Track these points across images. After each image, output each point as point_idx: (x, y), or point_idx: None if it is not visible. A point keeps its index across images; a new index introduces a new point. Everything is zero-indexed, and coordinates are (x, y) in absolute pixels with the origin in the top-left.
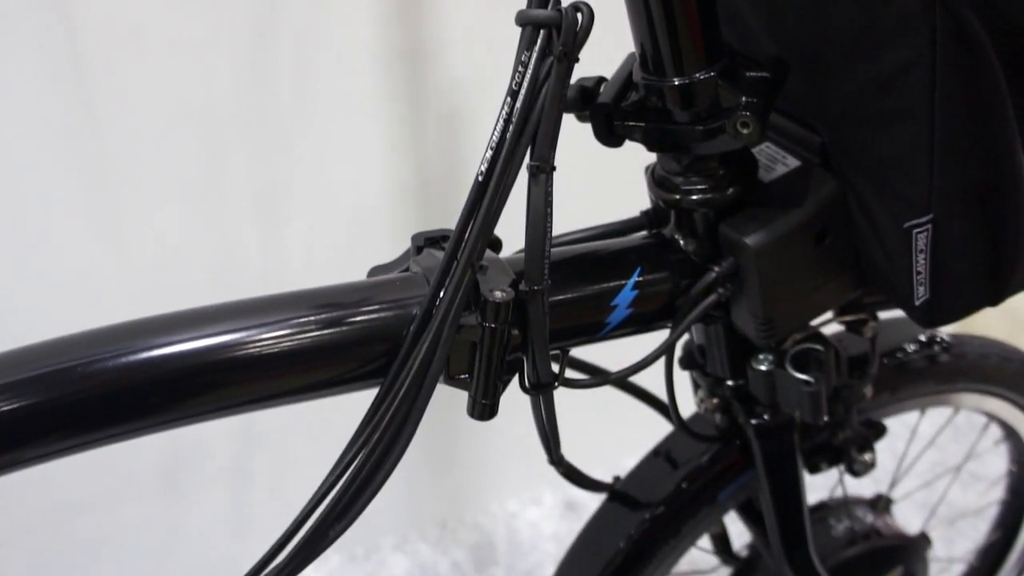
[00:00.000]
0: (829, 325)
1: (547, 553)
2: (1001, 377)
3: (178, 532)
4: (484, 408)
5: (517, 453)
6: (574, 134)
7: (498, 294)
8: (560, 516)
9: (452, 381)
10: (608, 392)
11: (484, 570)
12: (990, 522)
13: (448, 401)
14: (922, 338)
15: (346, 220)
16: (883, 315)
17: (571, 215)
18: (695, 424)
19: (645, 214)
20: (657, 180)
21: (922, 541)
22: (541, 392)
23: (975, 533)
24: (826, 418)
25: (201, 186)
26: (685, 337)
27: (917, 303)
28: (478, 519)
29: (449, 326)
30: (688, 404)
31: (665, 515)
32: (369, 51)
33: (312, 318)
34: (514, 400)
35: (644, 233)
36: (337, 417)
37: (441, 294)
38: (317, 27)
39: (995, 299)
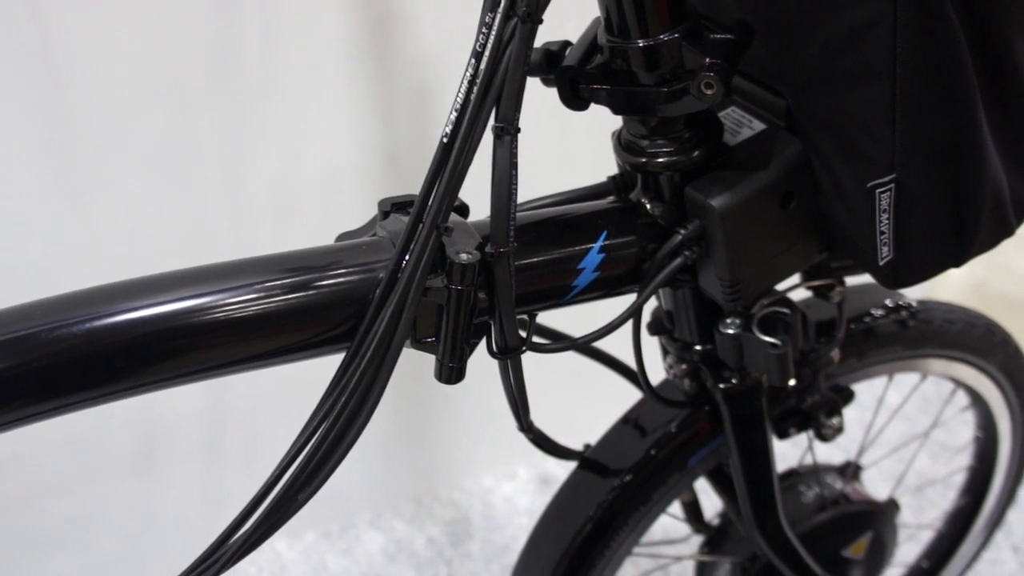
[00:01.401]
0: (797, 290)
1: (522, 527)
2: (967, 342)
3: (152, 510)
4: (451, 372)
5: (491, 429)
6: (546, 100)
7: (464, 256)
8: (535, 491)
9: (419, 344)
10: (580, 362)
11: (460, 545)
12: (958, 488)
13: (422, 378)
14: (889, 303)
15: (316, 191)
16: (851, 281)
17: (543, 181)
18: (664, 390)
19: (613, 179)
20: (623, 144)
21: (891, 507)
22: (508, 356)
23: (943, 500)
24: (793, 381)
25: (169, 158)
26: (653, 303)
27: (881, 263)
28: (453, 495)
29: (415, 288)
30: (657, 371)
31: (635, 481)
32: (338, 22)
33: (278, 283)
34: (487, 375)
35: (612, 198)
36: (308, 393)
37: (407, 257)
38: None
39: (959, 260)
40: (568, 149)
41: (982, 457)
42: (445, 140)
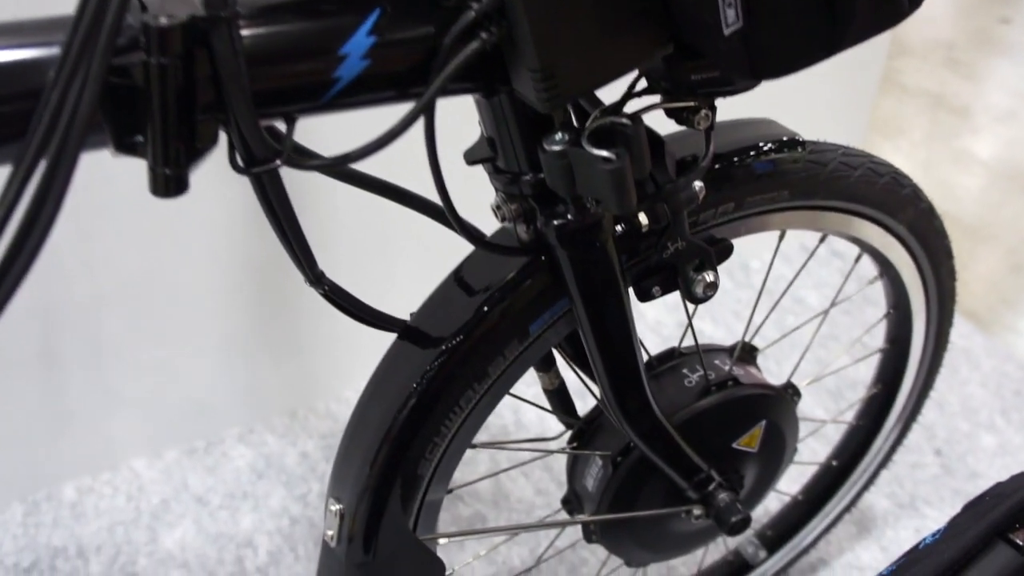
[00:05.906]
0: (656, 112)
1: None
2: (868, 193)
3: None
4: (167, 181)
5: (373, 333)
6: None
7: (163, 19)
8: None
9: (123, 148)
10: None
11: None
12: (871, 376)
13: (294, 281)
14: (777, 140)
15: None
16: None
17: None
18: (497, 239)
19: None
20: None
21: (789, 393)
22: (256, 172)
23: (852, 392)
24: (646, 220)
25: None
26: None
27: (727, 32)
28: (331, 406)
29: (98, 60)
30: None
31: (464, 347)
32: None
33: None
34: (365, 277)
35: None
36: (153, 288)
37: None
38: None
39: (835, 43)
40: None
41: (894, 339)
42: None
